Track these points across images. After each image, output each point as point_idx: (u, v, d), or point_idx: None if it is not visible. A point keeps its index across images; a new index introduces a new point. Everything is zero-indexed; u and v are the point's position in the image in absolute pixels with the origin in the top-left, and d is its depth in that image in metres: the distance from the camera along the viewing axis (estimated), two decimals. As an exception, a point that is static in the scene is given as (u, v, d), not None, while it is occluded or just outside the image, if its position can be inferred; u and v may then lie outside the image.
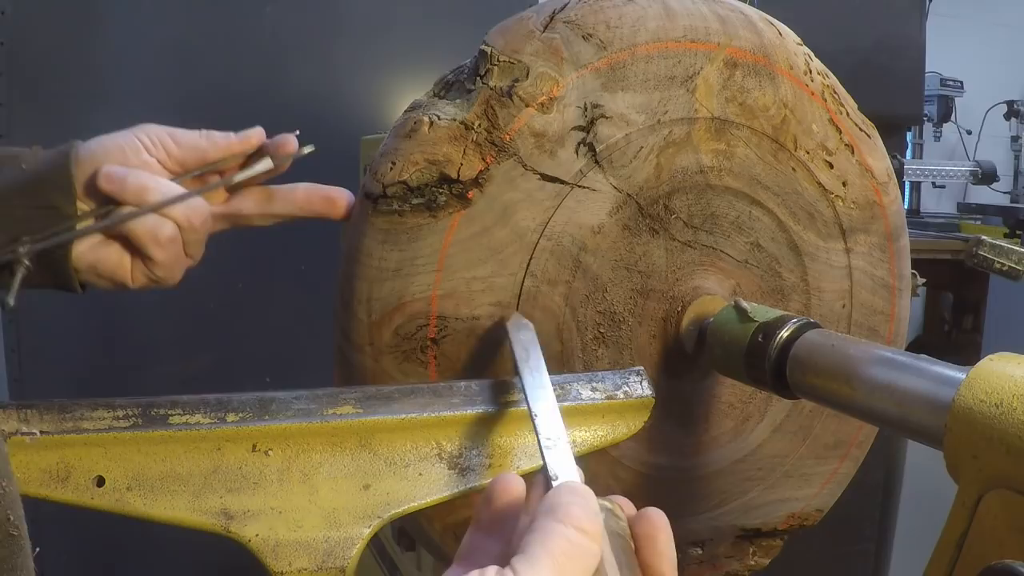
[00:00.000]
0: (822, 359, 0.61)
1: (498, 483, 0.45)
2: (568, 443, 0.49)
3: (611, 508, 0.43)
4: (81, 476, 0.52)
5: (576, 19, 0.66)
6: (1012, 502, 0.47)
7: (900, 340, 0.84)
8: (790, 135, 0.74)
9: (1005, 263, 1.15)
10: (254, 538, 0.54)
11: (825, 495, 0.84)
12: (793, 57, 0.73)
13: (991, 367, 0.50)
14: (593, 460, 0.71)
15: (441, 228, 0.64)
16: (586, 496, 0.40)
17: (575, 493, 0.40)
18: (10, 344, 1.69)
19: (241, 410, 0.54)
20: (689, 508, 0.78)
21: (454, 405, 0.59)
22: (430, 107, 0.65)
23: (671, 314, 0.73)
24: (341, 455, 0.56)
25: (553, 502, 0.39)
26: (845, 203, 0.77)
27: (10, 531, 0.36)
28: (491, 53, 0.65)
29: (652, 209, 0.71)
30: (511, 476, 0.45)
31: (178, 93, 1.79)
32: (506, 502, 0.44)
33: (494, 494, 0.45)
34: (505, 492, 0.45)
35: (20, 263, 0.59)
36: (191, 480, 0.53)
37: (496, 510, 0.44)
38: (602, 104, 0.67)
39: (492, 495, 0.45)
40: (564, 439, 0.49)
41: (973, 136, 3.38)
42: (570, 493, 0.40)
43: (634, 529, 0.44)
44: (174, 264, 0.66)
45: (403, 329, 0.65)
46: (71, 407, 0.52)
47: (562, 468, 0.47)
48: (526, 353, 0.58)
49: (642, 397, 0.63)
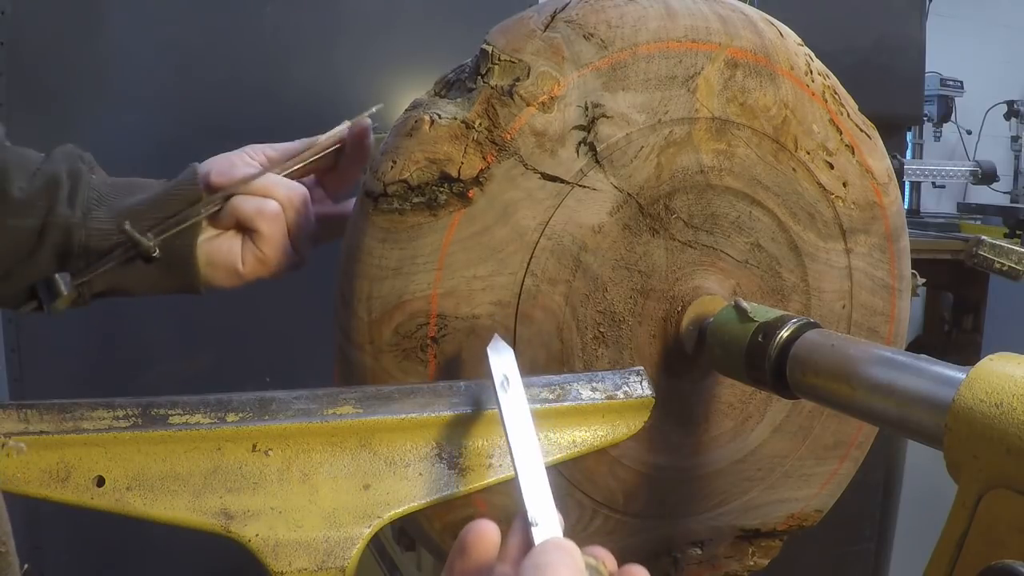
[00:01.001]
0: (822, 359, 0.61)
1: (471, 532, 0.44)
2: (547, 484, 0.48)
3: (595, 565, 0.42)
4: (81, 476, 0.52)
5: (577, 18, 0.66)
6: (1012, 502, 0.47)
7: (900, 340, 0.84)
8: (791, 135, 0.74)
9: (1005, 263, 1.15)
10: (254, 538, 0.54)
11: (825, 496, 0.84)
12: (794, 57, 0.73)
13: (991, 367, 0.50)
14: (593, 460, 0.71)
15: (441, 227, 0.64)
16: (573, 554, 0.39)
17: (562, 551, 0.39)
18: (10, 344, 1.69)
19: (241, 410, 0.54)
20: (689, 508, 0.78)
21: (454, 405, 0.58)
22: (431, 106, 0.65)
23: (671, 314, 0.73)
24: (341, 455, 0.56)
25: (539, 561, 0.38)
26: (845, 203, 0.77)
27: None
28: (492, 52, 0.65)
29: (652, 209, 0.71)
30: (485, 524, 0.44)
31: (178, 93, 1.79)
32: (481, 552, 0.43)
33: (468, 544, 0.44)
34: (480, 541, 0.44)
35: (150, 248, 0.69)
36: (191, 480, 0.53)
37: (471, 561, 0.43)
38: (603, 103, 0.67)
39: (466, 546, 0.44)
40: (544, 480, 0.48)
41: (973, 136, 3.38)
42: (557, 551, 0.39)
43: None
44: (279, 244, 0.73)
45: (403, 328, 0.65)
46: (71, 407, 0.52)
47: (541, 513, 0.45)
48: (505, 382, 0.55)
49: (642, 397, 0.63)
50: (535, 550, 0.40)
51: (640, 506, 0.76)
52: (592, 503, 0.74)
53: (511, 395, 0.54)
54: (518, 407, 0.53)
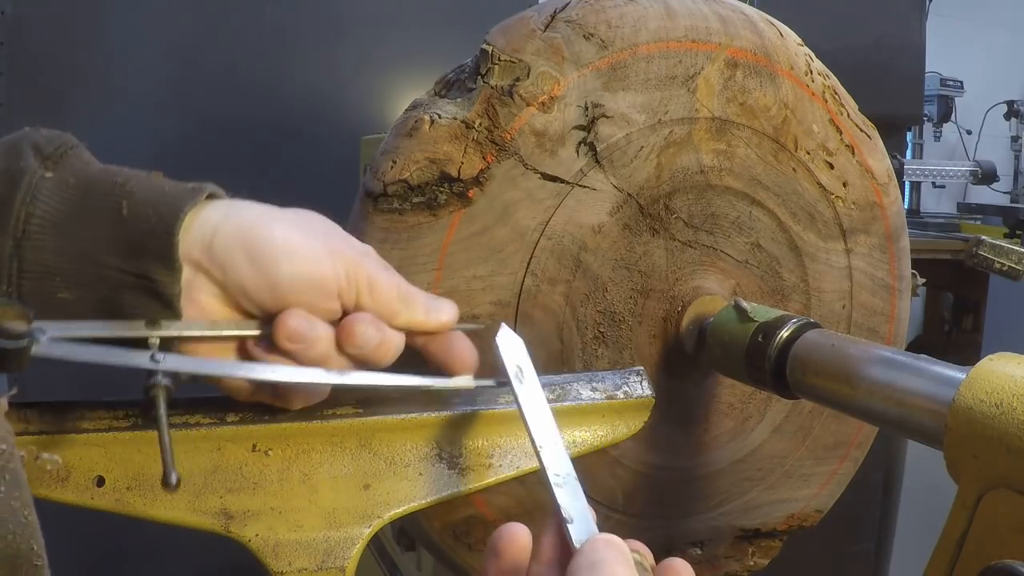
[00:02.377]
0: (822, 359, 0.61)
1: (504, 536, 0.43)
2: (576, 478, 0.46)
3: (640, 560, 0.42)
4: (81, 476, 0.51)
5: (577, 18, 0.66)
6: (1012, 502, 0.47)
7: (900, 340, 0.84)
8: (791, 135, 0.74)
9: (1005, 263, 1.15)
10: (254, 538, 0.54)
11: (825, 496, 0.84)
12: (794, 58, 0.73)
13: (991, 367, 0.50)
14: (593, 460, 0.71)
15: (441, 227, 0.64)
16: (623, 550, 0.39)
17: (614, 548, 0.39)
18: (10, 344, 1.68)
19: (241, 410, 0.54)
20: (689, 508, 0.78)
21: (454, 405, 0.58)
22: (431, 106, 0.65)
23: (671, 314, 0.73)
24: (341, 455, 0.56)
25: (593, 559, 0.38)
26: (845, 204, 0.77)
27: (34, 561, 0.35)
28: (492, 52, 0.65)
29: (652, 209, 0.71)
30: (516, 527, 0.43)
31: (178, 93, 1.79)
32: (515, 554, 0.43)
33: (502, 548, 0.43)
34: (513, 544, 0.43)
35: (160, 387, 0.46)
36: (191, 480, 0.53)
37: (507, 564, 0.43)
38: (603, 103, 0.67)
39: (500, 549, 0.43)
40: (572, 474, 0.46)
41: (973, 136, 3.37)
42: (609, 548, 0.39)
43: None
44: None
45: (403, 329, 0.65)
46: (71, 407, 0.52)
47: (575, 509, 0.44)
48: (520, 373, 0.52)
49: (642, 397, 0.63)
50: (585, 548, 0.39)
51: (640, 506, 0.76)
52: (592, 503, 0.73)
53: (527, 386, 0.51)
54: (535, 398, 0.50)
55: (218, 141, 1.82)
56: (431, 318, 0.54)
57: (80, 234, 0.45)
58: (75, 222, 0.45)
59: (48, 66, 1.70)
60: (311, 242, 0.49)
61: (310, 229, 0.50)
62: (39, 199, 0.45)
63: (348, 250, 0.51)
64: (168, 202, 0.46)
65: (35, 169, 0.45)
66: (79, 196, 0.46)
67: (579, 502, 0.44)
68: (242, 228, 0.47)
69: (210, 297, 0.48)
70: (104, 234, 0.45)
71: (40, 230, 0.45)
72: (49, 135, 0.48)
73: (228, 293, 0.48)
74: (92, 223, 0.45)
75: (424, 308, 0.53)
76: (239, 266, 0.47)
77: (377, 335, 0.51)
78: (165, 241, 0.45)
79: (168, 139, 1.77)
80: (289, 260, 0.48)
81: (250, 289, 0.48)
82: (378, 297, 0.51)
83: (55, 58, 1.71)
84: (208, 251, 0.47)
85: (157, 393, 0.45)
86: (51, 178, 0.46)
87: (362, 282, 0.51)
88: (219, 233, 0.47)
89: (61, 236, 0.45)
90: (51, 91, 1.71)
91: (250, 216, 0.48)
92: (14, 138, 0.47)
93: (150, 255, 0.45)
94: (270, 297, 0.48)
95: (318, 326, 0.49)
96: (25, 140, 0.47)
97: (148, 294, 0.46)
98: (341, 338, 0.50)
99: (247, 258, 0.47)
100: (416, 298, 0.53)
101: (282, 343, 0.48)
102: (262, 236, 0.47)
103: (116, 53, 1.76)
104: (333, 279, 0.49)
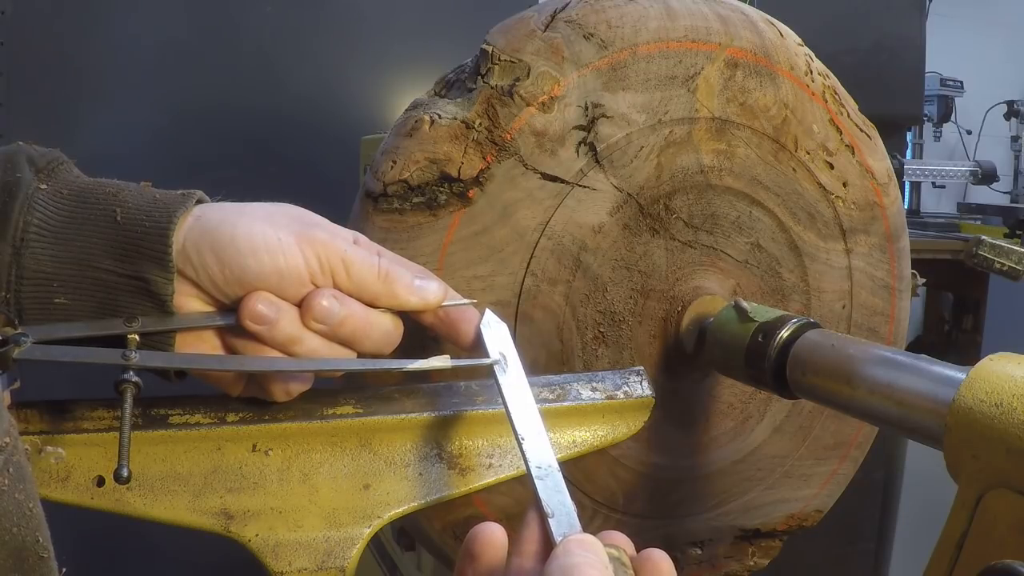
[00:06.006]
0: (822, 359, 0.61)
1: (479, 538, 0.43)
2: (559, 471, 0.45)
3: (618, 556, 0.41)
4: (81, 476, 0.52)
5: (577, 18, 0.66)
6: (1012, 502, 0.47)
7: (900, 340, 0.84)
8: (791, 135, 0.74)
9: (1005, 263, 1.15)
10: (254, 538, 0.54)
11: (825, 496, 0.84)
12: (794, 58, 0.73)
13: (991, 367, 0.50)
14: (593, 460, 0.71)
15: (441, 227, 0.64)
16: (596, 550, 0.39)
17: (586, 548, 0.39)
18: (10, 344, 1.68)
19: (241, 410, 0.54)
20: (688, 508, 0.78)
21: (454, 405, 0.58)
22: (431, 106, 0.65)
23: (671, 314, 0.73)
24: (341, 455, 0.56)
25: (565, 563, 0.38)
26: (845, 204, 0.77)
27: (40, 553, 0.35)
28: (492, 52, 0.65)
29: (652, 209, 0.71)
30: (491, 527, 0.43)
31: (178, 93, 1.79)
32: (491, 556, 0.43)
33: (478, 549, 0.43)
34: (489, 546, 0.43)
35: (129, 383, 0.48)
36: (191, 480, 0.53)
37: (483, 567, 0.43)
38: (603, 103, 0.67)
39: (476, 551, 0.43)
40: (555, 467, 0.45)
41: (973, 136, 3.37)
42: (581, 548, 0.38)
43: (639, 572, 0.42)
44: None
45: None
46: (71, 407, 0.52)
47: (556, 503, 0.43)
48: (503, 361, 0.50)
49: (642, 397, 0.63)
50: (558, 550, 0.39)
51: (640, 506, 0.76)
52: (592, 503, 0.74)
53: (510, 375, 0.49)
54: (519, 386, 0.48)
55: (218, 141, 1.82)
56: (416, 296, 0.54)
57: (76, 240, 0.48)
58: (71, 229, 0.48)
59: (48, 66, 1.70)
60: (276, 232, 0.50)
61: (278, 220, 0.51)
62: (36, 208, 0.48)
63: (321, 234, 0.51)
64: (160, 207, 0.49)
65: (31, 180, 0.48)
66: (74, 205, 0.49)
67: (561, 495, 0.44)
68: (208, 229, 0.50)
69: (190, 297, 0.51)
70: (99, 239, 0.48)
71: (38, 237, 0.47)
72: (41, 150, 0.51)
73: (204, 291, 0.50)
74: (87, 230, 0.48)
75: (407, 287, 0.54)
76: (209, 265, 0.49)
77: (340, 309, 0.51)
78: (159, 243, 0.48)
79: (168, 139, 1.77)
80: (253, 253, 0.49)
81: (221, 284, 0.50)
82: (356, 278, 0.52)
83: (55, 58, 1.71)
84: (181, 253, 0.49)
85: (125, 389, 0.47)
86: (46, 189, 0.49)
87: (336, 265, 0.51)
88: (189, 236, 0.49)
89: (58, 243, 0.48)
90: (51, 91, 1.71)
91: (217, 216, 0.50)
92: (8, 151, 0.50)
93: (145, 257, 0.48)
94: (241, 289, 0.50)
95: (282, 307, 0.50)
96: (20, 153, 0.49)
97: (143, 295, 0.49)
98: (302, 315, 0.51)
99: (214, 257, 0.49)
100: (399, 278, 0.54)
101: (247, 326, 0.50)
102: (225, 234, 0.49)
103: (116, 53, 1.77)
104: (302, 265, 0.50)
